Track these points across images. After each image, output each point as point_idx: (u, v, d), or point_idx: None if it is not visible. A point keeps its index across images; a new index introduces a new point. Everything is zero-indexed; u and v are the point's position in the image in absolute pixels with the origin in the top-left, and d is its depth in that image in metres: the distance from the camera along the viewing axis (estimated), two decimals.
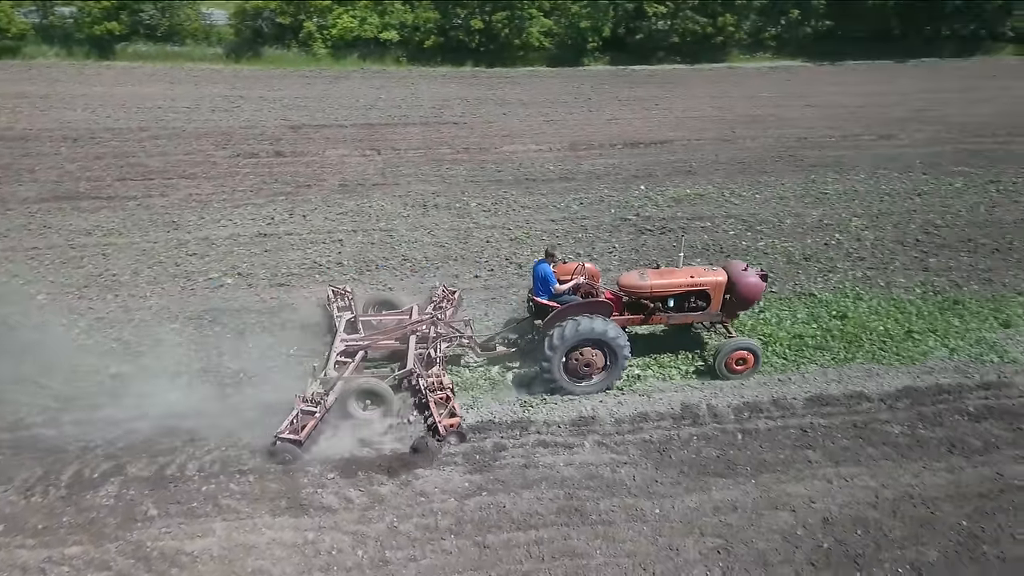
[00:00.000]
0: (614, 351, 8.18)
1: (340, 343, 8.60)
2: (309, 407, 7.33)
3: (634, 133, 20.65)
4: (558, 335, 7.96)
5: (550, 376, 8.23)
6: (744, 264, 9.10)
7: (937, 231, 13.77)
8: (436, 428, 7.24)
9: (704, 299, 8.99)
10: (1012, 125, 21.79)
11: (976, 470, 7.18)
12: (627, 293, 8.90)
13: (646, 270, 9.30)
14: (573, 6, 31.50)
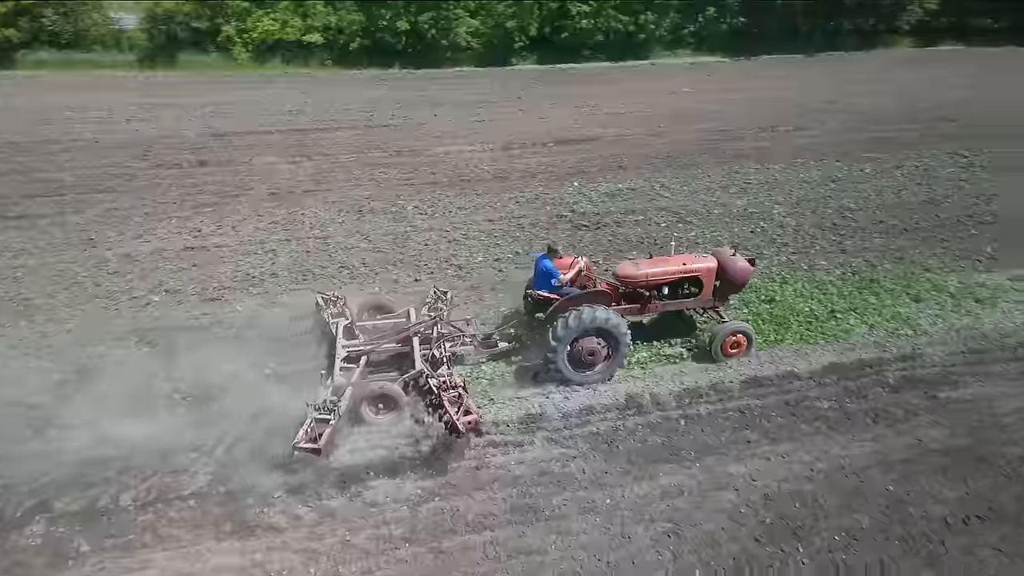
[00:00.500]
0: (616, 339, 8.37)
1: (342, 349, 8.40)
2: (322, 415, 7.20)
3: (565, 131, 20.95)
4: (562, 326, 8.10)
5: (555, 367, 8.33)
6: (732, 250, 9.46)
7: (851, 215, 14.59)
8: (455, 427, 7.10)
9: (696, 285, 9.24)
10: (912, 113, 23.35)
11: (899, 438, 7.68)
12: (623, 283, 9.07)
13: (640, 259, 9.54)
14: (499, 6, 31.66)
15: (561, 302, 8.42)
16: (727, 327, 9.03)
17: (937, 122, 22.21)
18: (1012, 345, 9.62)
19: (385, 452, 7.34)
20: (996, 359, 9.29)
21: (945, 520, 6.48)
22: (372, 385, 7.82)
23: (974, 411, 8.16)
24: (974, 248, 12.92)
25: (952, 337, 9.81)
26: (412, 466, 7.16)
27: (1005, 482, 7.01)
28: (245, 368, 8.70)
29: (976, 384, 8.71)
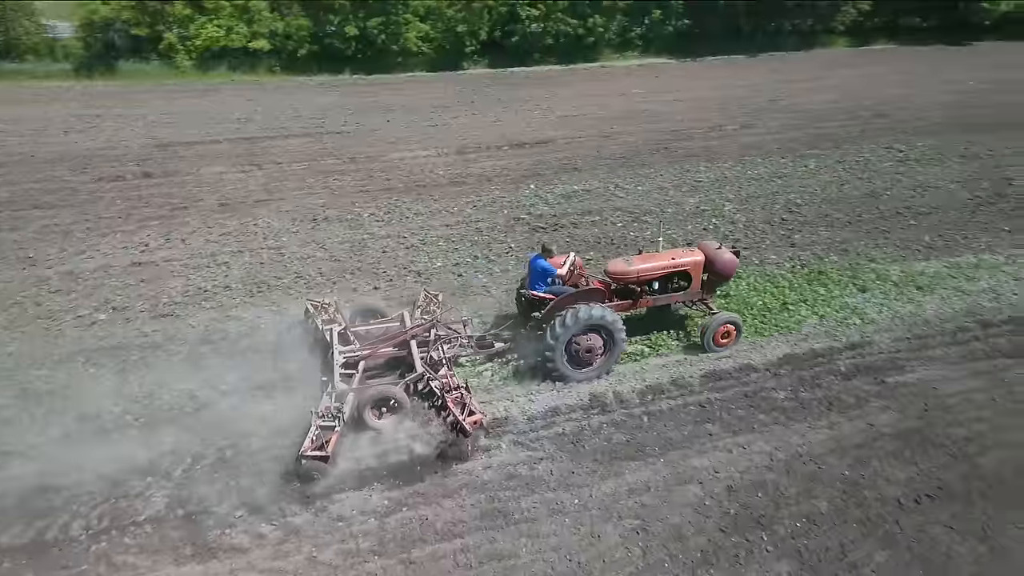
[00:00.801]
0: (612, 334, 8.49)
1: (339, 355, 8.24)
2: (327, 422, 7.13)
3: (519, 134, 21.04)
4: (560, 323, 8.19)
5: (553, 365, 8.42)
6: (718, 243, 9.78)
7: (798, 209, 15.06)
8: (462, 427, 7.19)
9: (685, 279, 9.53)
10: (850, 109, 24.27)
11: (852, 423, 7.96)
12: (615, 280, 9.22)
13: (630, 256, 9.65)
14: (448, 11, 31.61)
15: (557, 301, 8.54)
16: (719, 318, 9.28)
17: (874, 118, 23.14)
18: (952, 330, 10.08)
19: (352, 464, 7.21)
20: (938, 344, 9.73)
21: (898, 501, 6.75)
22: (375, 389, 7.71)
23: (920, 395, 8.52)
24: (913, 238, 13.50)
25: (897, 324, 10.23)
26: (377, 476, 7.06)
27: (952, 462, 7.34)
28: (200, 385, 8.47)
29: (921, 368, 9.10)
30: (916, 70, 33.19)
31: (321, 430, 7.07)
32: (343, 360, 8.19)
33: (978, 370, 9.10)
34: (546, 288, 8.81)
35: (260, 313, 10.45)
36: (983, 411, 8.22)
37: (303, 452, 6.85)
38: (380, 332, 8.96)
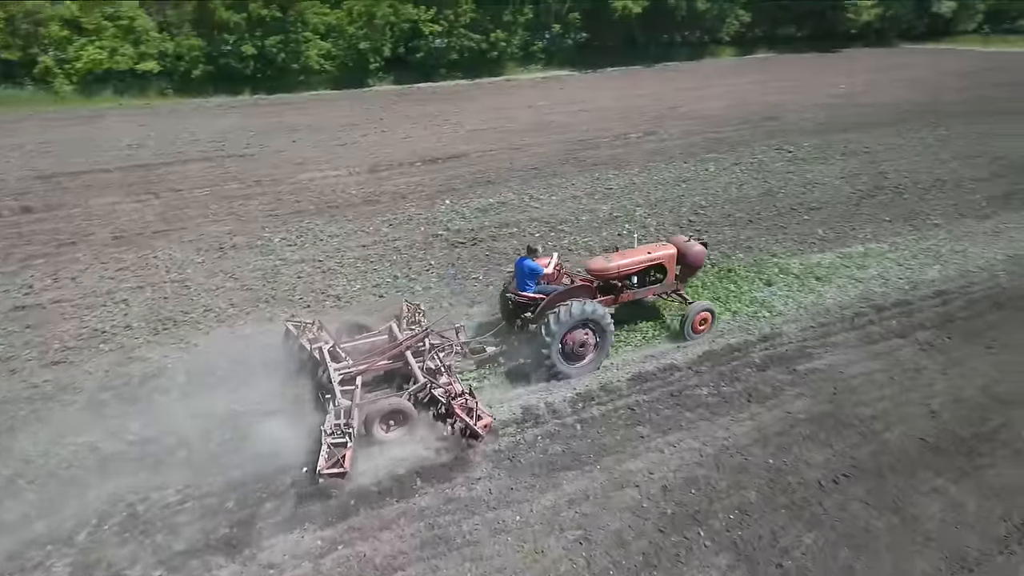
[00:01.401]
0: (603, 329, 8.85)
1: (335, 372, 8.02)
2: (338, 439, 7.05)
3: (430, 149, 20.93)
4: (554, 321, 8.43)
5: (550, 362, 8.66)
6: (686, 237, 10.49)
7: (704, 211, 15.78)
8: (474, 432, 7.37)
9: (661, 272, 10.07)
10: (741, 114, 25.81)
11: (770, 413, 8.34)
12: (597, 277, 9.61)
13: (609, 253, 10.02)
14: (350, 28, 31.13)
15: (549, 299, 8.78)
16: (696, 306, 9.87)
17: (764, 121, 24.72)
18: (850, 316, 10.82)
19: (277, 502, 6.83)
20: (840, 330, 10.41)
21: (819, 483, 7.12)
22: (383, 402, 7.60)
23: (829, 379, 9.07)
24: (808, 232, 14.44)
25: (802, 314, 10.86)
26: (309, 516, 6.72)
27: (862, 440, 7.83)
28: (103, 437, 7.80)
29: (827, 354, 9.69)
30: (795, 75, 35.82)
31: (333, 447, 6.96)
32: (340, 376, 8.02)
33: (876, 352, 9.80)
34: (535, 288, 9.07)
35: (168, 352, 9.77)
36: (884, 389, 8.85)
37: (320, 471, 6.74)
38: (367, 347, 8.85)
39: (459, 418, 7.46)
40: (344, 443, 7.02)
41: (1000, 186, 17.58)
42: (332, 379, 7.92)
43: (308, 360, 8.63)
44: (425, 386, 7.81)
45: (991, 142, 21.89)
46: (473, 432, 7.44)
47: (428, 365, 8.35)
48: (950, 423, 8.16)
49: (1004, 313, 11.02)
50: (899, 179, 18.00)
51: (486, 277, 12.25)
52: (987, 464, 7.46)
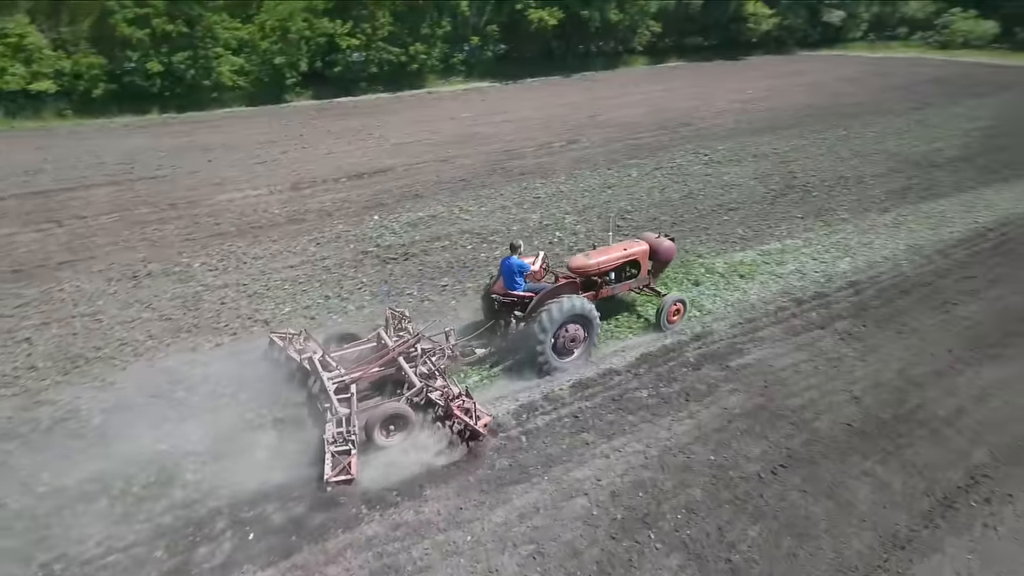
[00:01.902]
0: (590, 322, 9.25)
1: (329, 381, 7.99)
2: (341, 446, 7.12)
3: (355, 164, 20.52)
4: (547, 317, 8.76)
5: (544, 358, 9.00)
6: (656, 233, 11.08)
7: (630, 215, 16.16)
8: (475, 432, 7.57)
9: (635, 267, 10.64)
10: (658, 121, 26.70)
11: (708, 410, 8.59)
12: (578, 274, 9.96)
13: (588, 251, 10.52)
14: (263, 43, 30.17)
15: (540, 296, 9.12)
16: (669, 298, 10.54)
17: (679, 127, 25.64)
18: (773, 310, 11.32)
19: (211, 546, 6.43)
20: (765, 324, 10.87)
21: (759, 475, 7.36)
22: (383, 408, 7.61)
23: (759, 373, 9.43)
24: (729, 231, 15.05)
25: (729, 312, 11.27)
26: (249, 557, 6.35)
27: (794, 430, 8.17)
28: (9, 491, 7.13)
29: (756, 349, 10.09)
30: (705, 82, 37.42)
31: (337, 455, 7.03)
32: (335, 385, 7.98)
33: (800, 343, 10.29)
34: (525, 287, 9.39)
35: (80, 393, 9.06)
36: (810, 379, 9.29)
37: (328, 479, 6.81)
38: (356, 355, 8.89)
39: (458, 419, 7.54)
40: (348, 450, 7.08)
41: (897, 181, 18.92)
42: (327, 388, 7.87)
43: (297, 371, 8.57)
44: (422, 390, 7.83)
45: (885, 140, 23.58)
46: (474, 432, 7.60)
47: (421, 370, 8.43)
48: (872, 407, 8.65)
49: (910, 299, 11.82)
50: (807, 178, 19.06)
51: (420, 292, 12.06)
52: (907, 443, 7.94)
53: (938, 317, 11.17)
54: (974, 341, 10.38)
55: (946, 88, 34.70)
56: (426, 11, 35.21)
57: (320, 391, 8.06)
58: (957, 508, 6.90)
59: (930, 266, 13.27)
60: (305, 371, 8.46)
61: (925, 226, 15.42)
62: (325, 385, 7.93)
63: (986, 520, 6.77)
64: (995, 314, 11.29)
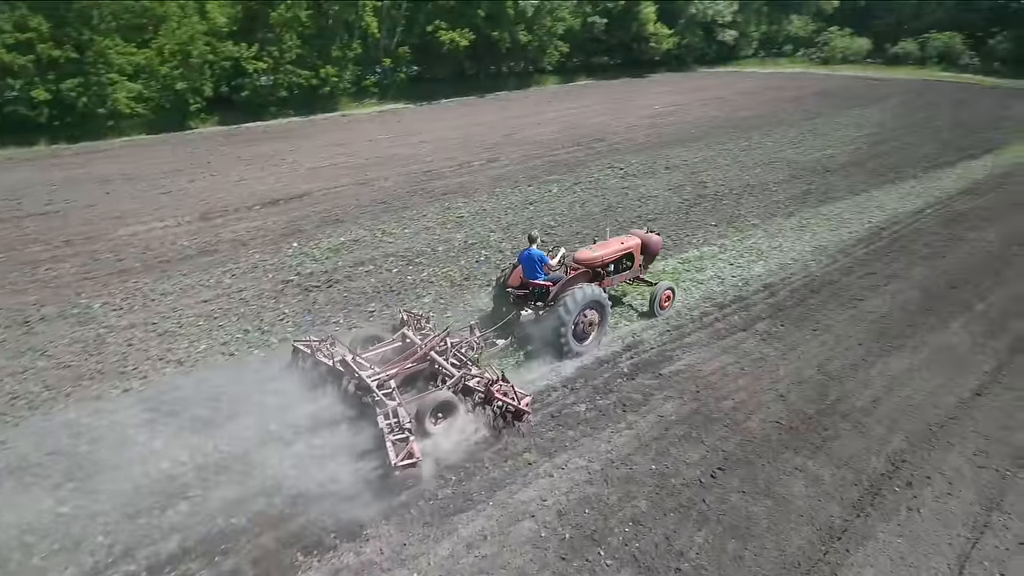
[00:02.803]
0: (603, 308, 10.17)
1: (370, 378, 8.28)
2: (399, 434, 7.41)
3: (269, 191, 19.75)
4: (571, 302, 9.57)
5: (565, 340, 9.75)
6: (645, 229, 12.30)
7: (553, 231, 16.33)
8: (519, 412, 8.28)
9: (630, 260, 11.61)
10: (572, 137, 27.29)
11: (645, 419, 8.68)
12: (584, 265, 10.73)
13: (592, 245, 11.37)
14: (162, 68, 28.69)
15: (561, 284, 10.09)
16: (661, 286, 11.50)
17: (593, 142, 26.30)
18: (698, 316, 11.68)
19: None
20: (692, 330, 11.19)
21: (700, 480, 7.48)
22: (432, 396, 8.03)
23: (690, 378, 9.66)
24: None
25: (657, 320, 11.52)
26: None
27: (728, 432, 8.39)
28: None
29: (685, 355, 10.35)
30: (614, 99, 38.72)
31: (398, 443, 7.31)
32: (376, 382, 8.27)
33: (725, 346, 10.64)
34: (545, 276, 10.25)
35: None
36: (739, 381, 9.60)
37: (395, 464, 7.09)
38: (379, 356, 9.17)
39: (500, 401, 8.15)
40: (406, 437, 7.33)
41: (797, 186, 20.13)
42: (369, 384, 8.16)
43: (327, 374, 8.80)
44: (462, 378, 8.37)
45: (783, 149, 25.11)
46: (518, 411, 8.27)
47: (452, 362, 8.97)
48: (797, 403, 9.02)
49: (820, 297, 12.51)
50: (716, 187, 19.95)
51: (347, 319, 11.65)
52: (832, 436, 8.32)
53: (847, 313, 11.86)
54: (881, 334, 11.08)
55: (831, 100, 37.48)
56: (336, 33, 34.66)
57: (358, 389, 8.39)
58: (883, 495, 7.26)
59: (835, 265, 14.12)
60: (337, 373, 8.72)
61: (826, 228, 16.45)
62: (366, 382, 8.19)
63: (909, 503, 7.15)
64: (896, 307, 12.12)
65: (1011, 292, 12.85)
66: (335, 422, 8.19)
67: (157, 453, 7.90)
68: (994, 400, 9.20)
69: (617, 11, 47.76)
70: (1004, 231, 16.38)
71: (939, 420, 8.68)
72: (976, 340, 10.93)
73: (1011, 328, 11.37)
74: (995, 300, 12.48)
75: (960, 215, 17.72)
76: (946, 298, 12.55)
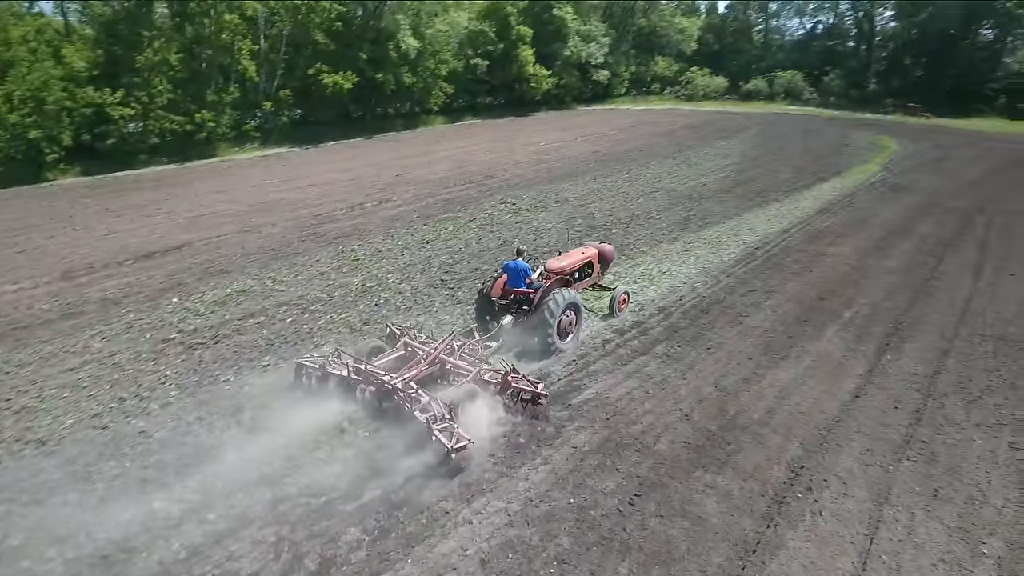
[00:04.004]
0: (579, 309, 11.55)
1: (398, 380, 9.19)
2: (442, 423, 8.18)
3: (143, 244, 18.30)
4: (554, 305, 10.86)
5: (551, 339, 11.02)
6: (598, 241, 14.89)
7: (452, 269, 16.25)
8: (537, 394, 9.15)
9: (590, 268, 13.16)
10: (463, 175, 27.59)
11: (560, 452, 8.64)
12: (557, 274, 11.96)
13: (559, 256, 12.87)
14: (11, 116, 26.13)
15: (544, 289, 11.28)
16: (618, 290, 13.10)
17: (484, 179, 26.71)
18: (601, 343, 11.93)
19: None
20: (597, 358, 11.39)
21: (618, 509, 7.51)
22: (463, 389, 9.05)
23: (600, 406, 9.78)
24: None
25: (566, 352, 11.56)
26: None
27: (640, 456, 8.53)
28: None
29: (592, 383, 10.49)
30: (500, 137, 39.70)
31: (444, 431, 8.06)
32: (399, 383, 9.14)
33: (629, 372, 10.91)
34: (527, 285, 11.55)
35: None
36: (645, 404, 9.84)
37: (451, 447, 7.84)
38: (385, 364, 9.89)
39: (517, 388, 9.16)
40: (450, 425, 8.13)
41: (678, 213, 21.38)
42: (395, 386, 9.06)
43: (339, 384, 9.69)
44: (478, 373, 9.46)
45: (662, 179, 26.71)
46: (535, 395, 9.12)
47: (464, 361, 10.05)
48: (700, 421, 9.36)
49: (710, 316, 13.21)
50: (605, 218, 20.78)
51: (239, 378, 10.86)
52: (736, 450, 8.68)
53: (735, 330, 12.59)
54: (767, 347, 11.84)
55: (698, 133, 40.52)
56: (210, 77, 33.22)
57: (378, 393, 9.31)
58: (788, 503, 7.63)
59: (719, 285, 15.02)
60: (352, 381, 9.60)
61: (708, 251, 17.52)
62: (392, 385, 9.07)
63: (812, 508, 7.56)
64: (777, 320, 13.02)
65: (870, 299, 14.20)
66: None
67: (15, 551, 6.88)
68: (871, 400, 10.03)
69: (497, 54, 49.38)
70: (857, 245, 18.20)
71: (827, 424, 9.32)
72: (848, 345, 11.94)
73: (874, 332, 12.53)
74: (859, 308, 13.74)
75: (820, 232, 19.51)
76: (818, 309, 13.66)
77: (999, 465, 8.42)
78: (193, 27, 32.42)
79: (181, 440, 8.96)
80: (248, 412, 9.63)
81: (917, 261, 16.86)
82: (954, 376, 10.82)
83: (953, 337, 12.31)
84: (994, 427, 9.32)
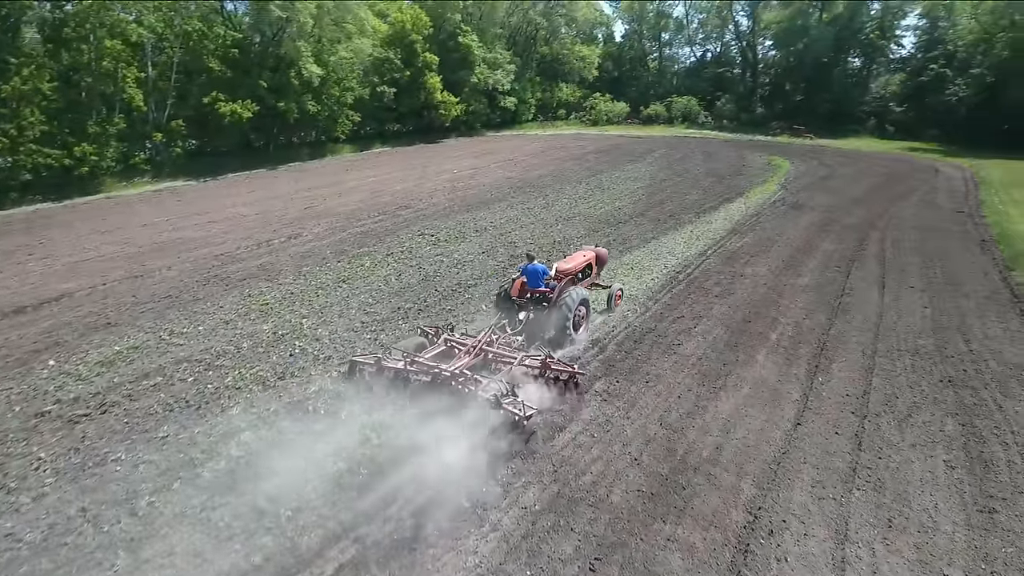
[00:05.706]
0: (588, 305, 13.31)
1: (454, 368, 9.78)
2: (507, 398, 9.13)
3: (12, 296, 16.12)
4: (570, 300, 12.48)
5: (569, 330, 12.54)
6: (593, 244, 16.23)
7: (373, 309, 15.27)
8: (573, 377, 10.46)
9: (590, 268, 14.76)
10: (376, 206, 26.63)
11: (509, 515, 7.90)
12: (565, 275, 13.53)
13: (565, 258, 14.55)
14: None
15: (559, 289, 12.89)
16: (614, 287, 14.89)
17: (398, 211, 25.88)
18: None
19: None
20: None
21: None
22: (514, 372, 10.18)
23: (544, 457, 9.13)
24: (474, 309, 15.11)
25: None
26: None
27: (595, 511, 7.98)
28: None
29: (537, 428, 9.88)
30: (411, 165, 39.00)
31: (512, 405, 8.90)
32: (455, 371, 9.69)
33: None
34: (545, 285, 12.93)
35: None
36: (592, 451, 9.31)
37: (525, 416, 8.76)
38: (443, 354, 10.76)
39: (556, 371, 10.30)
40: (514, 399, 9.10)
41: (597, 239, 21.35)
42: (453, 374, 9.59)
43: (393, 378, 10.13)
44: (521, 360, 10.46)
45: (577, 204, 26.82)
46: (573, 375, 10.43)
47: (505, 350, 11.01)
48: (651, 465, 8.95)
49: (644, 346, 12.98)
50: (526, 246, 20.42)
51: (132, 455, 9.43)
52: (692, 494, 8.30)
53: (670, 360, 12.40)
54: (704, 376, 11.69)
55: (607, 157, 41.48)
56: (91, 107, 30.53)
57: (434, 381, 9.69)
58: (752, 551, 7.30)
59: (648, 313, 14.89)
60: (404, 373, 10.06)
61: (632, 277, 17.47)
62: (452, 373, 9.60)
63: (776, 554, 7.26)
64: (708, 347, 12.97)
65: (792, 319, 14.52)
66: None
67: None
68: (812, 427, 10.01)
69: (404, 80, 48.79)
70: (770, 264, 18.77)
71: (775, 457, 9.16)
72: (780, 370, 12.01)
73: (802, 354, 12.73)
74: (783, 329, 13.98)
75: (734, 253, 20.02)
76: (746, 332, 13.77)
77: (940, 487, 8.52)
78: (70, 54, 29.76)
79: (59, 542, 7.54)
80: (144, 499, 8.30)
81: (827, 278, 17.54)
82: (882, 395, 11.06)
83: (873, 354, 12.70)
84: (928, 445, 9.50)
